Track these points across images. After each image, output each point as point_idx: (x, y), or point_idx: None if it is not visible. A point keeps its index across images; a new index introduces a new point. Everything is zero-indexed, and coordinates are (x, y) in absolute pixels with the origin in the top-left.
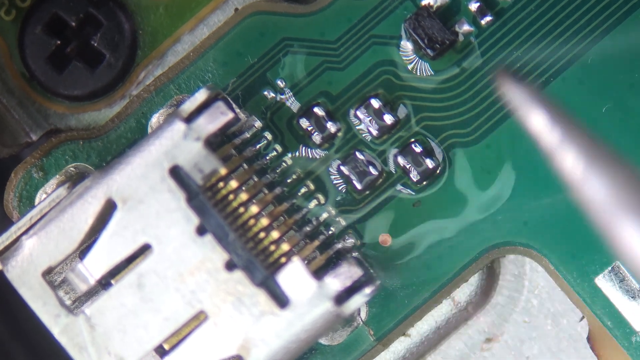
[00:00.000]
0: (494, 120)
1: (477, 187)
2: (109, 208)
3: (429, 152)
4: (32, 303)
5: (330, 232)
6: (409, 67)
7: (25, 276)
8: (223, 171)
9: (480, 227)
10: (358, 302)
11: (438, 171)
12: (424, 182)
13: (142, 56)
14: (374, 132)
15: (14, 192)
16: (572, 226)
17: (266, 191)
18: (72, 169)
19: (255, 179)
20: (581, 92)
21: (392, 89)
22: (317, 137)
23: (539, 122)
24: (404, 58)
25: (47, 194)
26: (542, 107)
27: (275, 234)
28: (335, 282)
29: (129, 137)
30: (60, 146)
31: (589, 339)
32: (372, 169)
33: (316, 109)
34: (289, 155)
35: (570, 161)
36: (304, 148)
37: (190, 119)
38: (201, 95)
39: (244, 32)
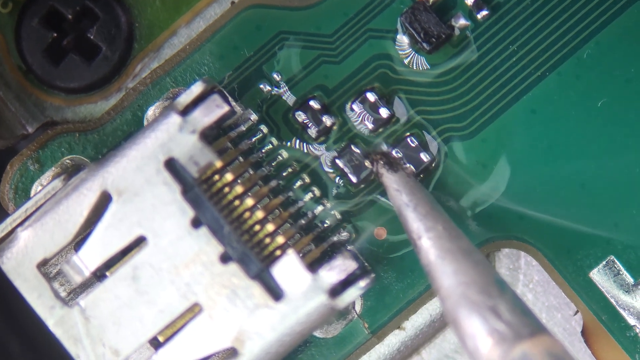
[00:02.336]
0: (489, 114)
1: (472, 181)
2: (104, 200)
3: (424, 146)
4: (27, 295)
5: (325, 225)
6: (405, 61)
7: (21, 268)
8: (218, 164)
9: (475, 220)
10: (353, 295)
11: (433, 165)
12: (420, 176)
13: (138, 49)
14: (370, 126)
15: (10, 184)
16: (568, 221)
17: (262, 184)
18: (67, 161)
19: (251, 172)
20: (577, 87)
21: (388, 82)
22: (312, 131)
23: (404, 209)
24: (400, 52)
25: (43, 186)
26: (408, 194)
27: (270, 227)
28: (330, 275)
29: (125, 129)
30: (56, 138)
31: (583, 333)
32: (367, 163)
33: (312, 103)
34: (286, 144)
35: (427, 248)
36: (298, 141)
37: (186, 111)
38: (197, 88)
39: (240, 26)
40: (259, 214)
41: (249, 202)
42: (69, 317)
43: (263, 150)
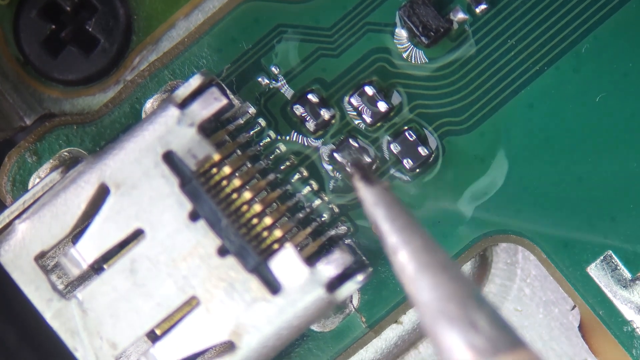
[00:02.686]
0: (488, 109)
1: (470, 175)
2: (102, 193)
3: (422, 140)
4: (24, 287)
5: (323, 219)
6: (404, 54)
7: (18, 260)
8: (216, 157)
9: (473, 215)
10: (350, 289)
11: (431, 159)
12: (418, 170)
13: (136, 41)
14: (368, 120)
15: (8, 176)
16: (565, 215)
17: (259, 177)
18: (65, 153)
19: (249, 165)
20: (575, 81)
21: (386, 76)
22: (311, 124)
23: (381, 222)
24: (399, 45)
25: (41, 178)
26: (385, 208)
27: (268, 220)
28: (327, 268)
29: (123, 122)
30: (54, 131)
31: (580, 328)
32: (365, 156)
33: (310, 96)
34: (285, 137)
35: (404, 262)
36: (296, 134)
37: (184, 104)
38: (195, 81)
39: (239, 19)
40: (257, 208)
41: (247, 195)
42: (67, 309)
43: (261, 144)
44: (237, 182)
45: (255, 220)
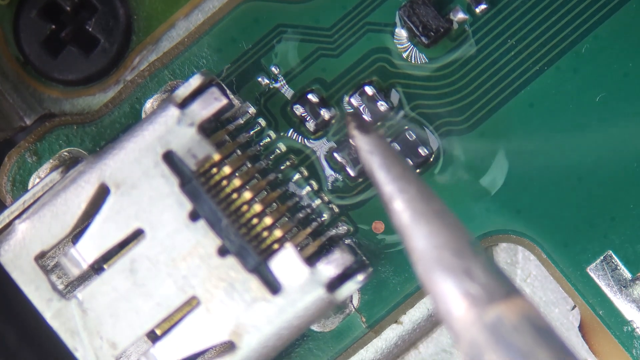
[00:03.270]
0: (487, 108)
1: (470, 175)
2: (102, 193)
3: (422, 140)
4: (24, 287)
5: (323, 219)
6: (404, 54)
7: (18, 260)
8: (216, 157)
9: (473, 215)
10: (350, 289)
11: (432, 159)
12: (418, 170)
13: (136, 41)
14: (368, 119)
15: (8, 176)
16: (565, 215)
17: (259, 177)
18: (65, 153)
19: (249, 165)
20: (575, 81)
21: (386, 76)
22: (311, 124)
23: (376, 171)
24: (399, 45)
25: (41, 178)
26: (381, 156)
27: (268, 220)
28: (327, 268)
29: (123, 122)
30: (54, 131)
31: (580, 328)
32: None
33: (310, 96)
34: (285, 137)
35: (399, 210)
36: (296, 134)
37: (184, 104)
38: (195, 81)
39: (239, 19)
40: (257, 207)
41: (247, 195)
42: (67, 309)
43: (261, 144)
44: (237, 182)
45: (255, 220)
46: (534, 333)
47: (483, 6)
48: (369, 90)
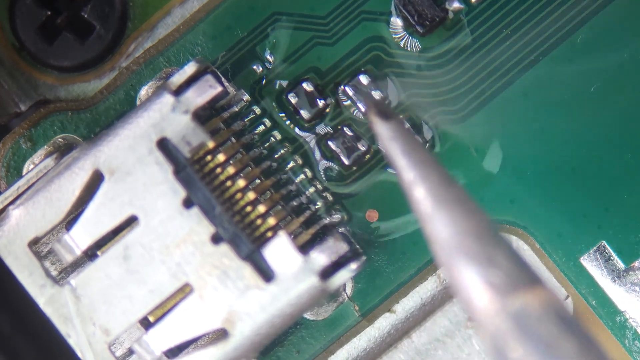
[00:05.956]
0: (482, 98)
1: (464, 165)
2: (96, 179)
3: (417, 129)
4: (18, 273)
5: (317, 207)
6: (399, 43)
7: (12, 246)
8: (211, 144)
9: None
10: (343, 277)
11: (426, 147)
12: None
13: (132, 28)
14: (363, 108)
15: (2, 162)
16: (559, 205)
17: (253, 165)
18: (60, 139)
19: (243, 153)
20: (570, 71)
21: (381, 65)
22: (305, 112)
23: (397, 158)
24: (394, 34)
25: (35, 164)
26: (402, 143)
27: (261, 208)
28: (321, 257)
29: (118, 109)
30: (49, 117)
31: None
32: (360, 145)
33: (305, 84)
34: (279, 125)
35: (421, 197)
36: (290, 123)
37: (179, 91)
38: (190, 68)
39: (234, 6)
40: (251, 195)
41: (241, 182)
42: (60, 296)
43: (255, 132)
44: (231, 170)
45: (249, 208)
46: (559, 323)
47: None
48: (363, 79)
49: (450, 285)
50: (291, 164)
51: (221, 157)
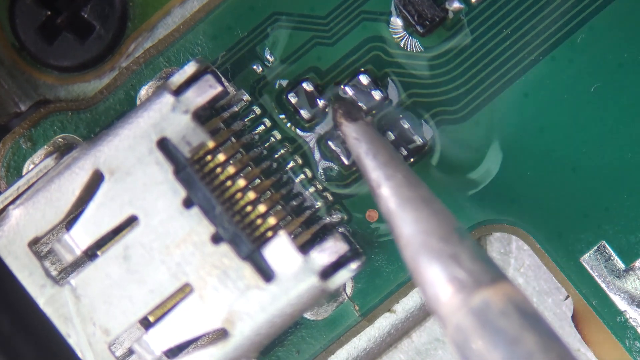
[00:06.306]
0: (482, 98)
1: (465, 165)
2: (96, 179)
3: (417, 129)
4: (18, 273)
5: (317, 207)
6: (399, 43)
7: (12, 246)
8: (211, 144)
9: (467, 204)
10: (343, 277)
11: (426, 148)
12: (412, 159)
13: (132, 28)
14: (363, 108)
15: (2, 162)
16: (559, 205)
17: (253, 165)
18: (60, 139)
19: (243, 153)
20: (570, 71)
21: (381, 65)
22: (305, 112)
23: (363, 158)
24: (394, 34)
25: (35, 164)
26: (368, 143)
27: (262, 208)
28: (321, 256)
29: (118, 109)
30: (49, 117)
31: (573, 317)
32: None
33: (305, 84)
34: (279, 125)
35: (386, 196)
36: (290, 123)
37: (179, 91)
38: (190, 68)
39: (234, 6)
40: (251, 195)
41: (241, 182)
42: (60, 295)
43: (255, 132)
44: (231, 170)
45: (249, 208)
46: (521, 318)
47: None
48: (363, 79)
49: (415, 282)
50: (291, 164)
51: (221, 157)
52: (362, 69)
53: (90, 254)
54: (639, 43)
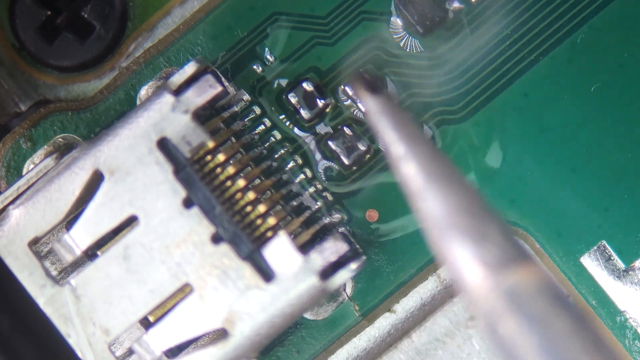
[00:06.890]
0: (482, 98)
1: (464, 165)
2: (96, 179)
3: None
4: (18, 273)
5: (317, 207)
6: (399, 43)
7: (12, 246)
8: (211, 144)
9: None
10: (343, 277)
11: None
12: None
13: (132, 28)
14: (363, 108)
15: (2, 162)
16: (559, 205)
17: (253, 165)
18: (60, 139)
19: (243, 153)
20: (570, 71)
21: (381, 65)
22: (305, 112)
23: (386, 132)
24: (394, 34)
25: (35, 164)
26: (391, 117)
27: (261, 208)
28: (321, 256)
29: (118, 108)
30: (49, 117)
31: None
32: (360, 145)
33: (305, 84)
34: (279, 125)
35: (411, 173)
36: (290, 123)
37: (179, 91)
38: (190, 68)
39: (234, 6)
40: (251, 195)
41: (241, 182)
42: (60, 295)
43: (255, 132)
44: (231, 170)
45: (249, 208)
46: (552, 300)
47: None
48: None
49: (442, 262)
50: (291, 164)
51: (221, 157)
52: (363, 69)
53: (90, 254)
54: (639, 43)
